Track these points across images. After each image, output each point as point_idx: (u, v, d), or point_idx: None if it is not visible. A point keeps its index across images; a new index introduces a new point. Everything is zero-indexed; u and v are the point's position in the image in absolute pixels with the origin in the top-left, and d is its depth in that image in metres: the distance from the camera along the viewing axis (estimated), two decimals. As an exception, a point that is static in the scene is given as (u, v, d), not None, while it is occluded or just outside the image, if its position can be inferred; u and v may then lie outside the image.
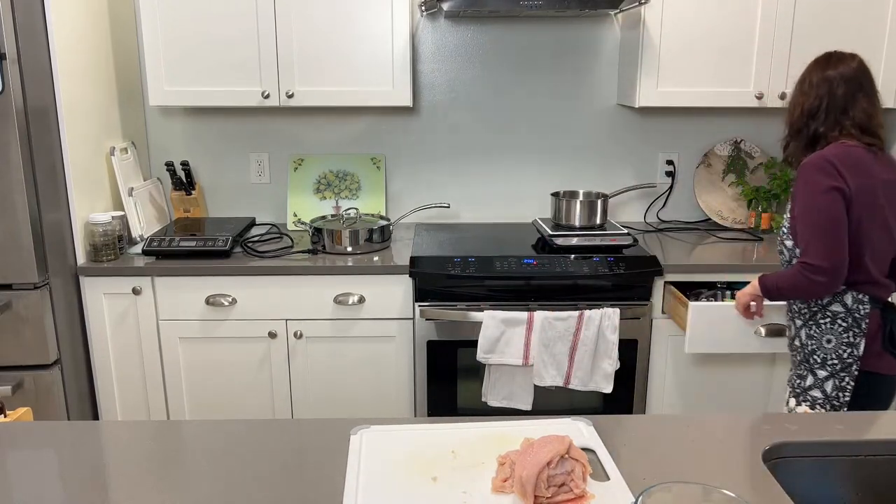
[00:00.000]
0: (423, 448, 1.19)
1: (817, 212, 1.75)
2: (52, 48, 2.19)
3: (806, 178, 1.77)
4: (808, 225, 1.76)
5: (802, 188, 1.78)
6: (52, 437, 1.28)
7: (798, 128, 1.88)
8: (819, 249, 1.74)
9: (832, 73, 1.84)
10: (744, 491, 1.05)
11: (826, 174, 1.74)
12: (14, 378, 2.22)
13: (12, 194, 2.10)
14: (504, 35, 2.82)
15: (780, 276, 1.85)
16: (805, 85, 1.88)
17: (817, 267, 1.74)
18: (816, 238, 1.74)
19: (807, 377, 1.86)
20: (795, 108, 1.89)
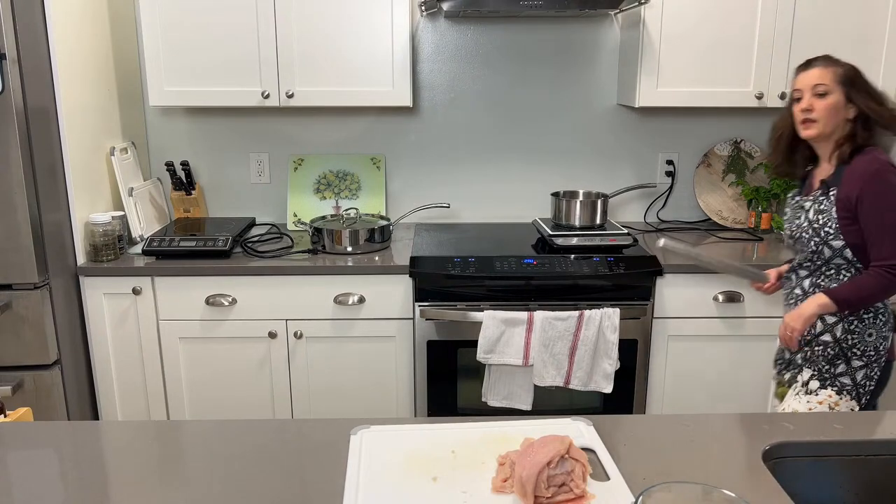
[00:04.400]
0: (423, 448, 1.19)
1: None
2: (52, 48, 2.19)
3: (886, 179, 1.76)
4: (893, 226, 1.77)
5: (883, 190, 1.76)
6: (52, 437, 1.28)
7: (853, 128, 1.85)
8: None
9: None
10: (744, 491, 1.05)
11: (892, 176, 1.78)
12: (14, 378, 2.22)
13: (12, 194, 2.10)
14: (504, 35, 2.82)
15: (857, 284, 1.81)
16: (870, 87, 1.86)
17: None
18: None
19: (839, 364, 1.86)
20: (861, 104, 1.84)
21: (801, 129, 1.87)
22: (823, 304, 1.83)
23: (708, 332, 2.43)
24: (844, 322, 1.86)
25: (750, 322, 2.43)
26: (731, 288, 2.40)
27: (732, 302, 2.40)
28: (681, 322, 2.42)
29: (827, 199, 1.85)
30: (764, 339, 2.44)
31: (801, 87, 1.86)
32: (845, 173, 1.82)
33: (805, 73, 1.87)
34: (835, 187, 1.83)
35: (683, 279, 2.39)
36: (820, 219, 1.85)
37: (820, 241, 1.85)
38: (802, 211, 1.92)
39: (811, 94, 1.83)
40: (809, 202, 1.90)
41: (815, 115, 1.83)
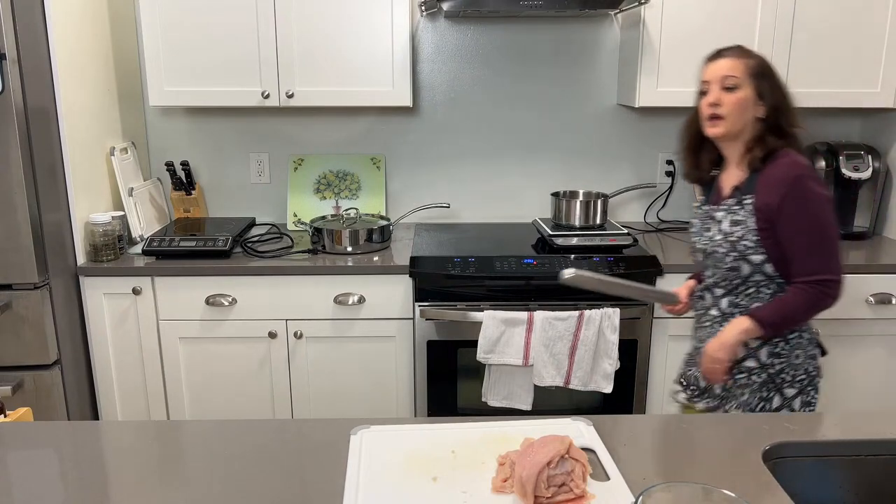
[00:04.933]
0: (423, 448, 1.19)
1: (829, 224, 1.60)
2: (52, 48, 2.19)
3: (808, 187, 1.59)
4: (827, 238, 1.60)
5: (806, 198, 1.58)
6: (52, 437, 1.28)
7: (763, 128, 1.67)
8: (836, 264, 1.60)
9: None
10: (744, 491, 1.05)
11: (819, 182, 1.61)
12: (14, 378, 2.22)
13: (12, 194, 2.10)
14: (504, 35, 2.82)
15: (782, 304, 1.63)
16: (781, 83, 1.67)
17: (837, 282, 1.60)
18: (834, 252, 1.60)
19: (773, 398, 1.69)
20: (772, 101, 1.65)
21: (707, 126, 1.69)
22: (747, 329, 1.63)
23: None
24: (768, 345, 1.68)
25: (750, 322, 2.42)
26: (731, 288, 2.39)
27: (732, 302, 2.40)
28: (681, 322, 2.42)
29: (742, 209, 1.65)
30: (764, 339, 2.44)
31: (709, 80, 1.68)
32: (761, 179, 1.64)
33: (714, 63, 1.68)
34: (750, 195, 1.65)
35: (683, 279, 2.38)
36: (736, 231, 1.66)
37: (738, 255, 1.65)
38: (713, 222, 1.72)
39: (720, 87, 1.65)
40: (722, 212, 1.70)
41: (723, 111, 1.65)
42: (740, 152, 1.69)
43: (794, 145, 1.66)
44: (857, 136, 2.92)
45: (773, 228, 1.60)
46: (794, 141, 1.67)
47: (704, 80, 1.70)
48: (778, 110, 1.65)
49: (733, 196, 1.69)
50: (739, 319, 1.65)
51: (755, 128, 1.67)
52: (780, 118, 1.65)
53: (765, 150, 1.64)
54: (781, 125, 1.65)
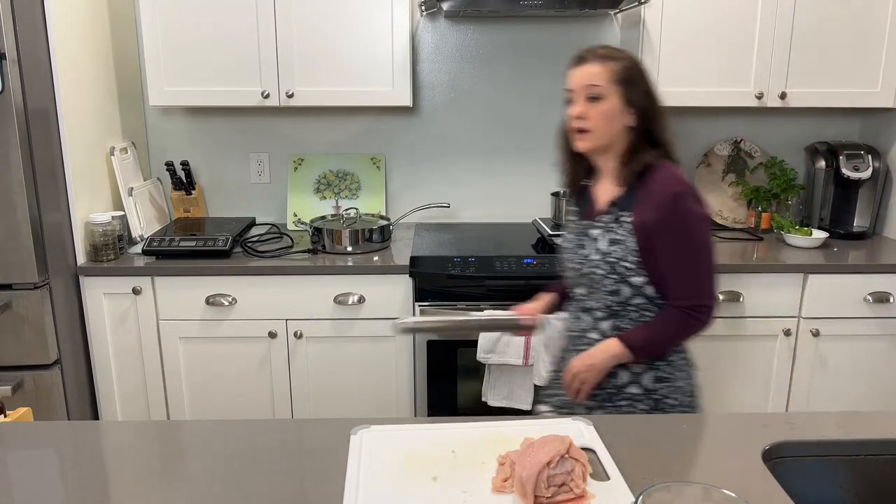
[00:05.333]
0: (423, 448, 1.19)
1: (707, 246, 1.50)
2: (52, 48, 2.19)
3: (688, 206, 1.47)
4: (703, 261, 1.49)
5: (684, 218, 1.47)
6: (52, 437, 1.28)
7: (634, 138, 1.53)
8: (710, 289, 1.50)
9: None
10: (744, 491, 1.05)
11: (698, 201, 1.49)
12: (14, 378, 2.22)
13: (12, 194, 2.10)
14: (504, 35, 2.82)
15: (654, 329, 1.52)
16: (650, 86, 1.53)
17: (711, 307, 1.50)
18: (710, 275, 1.50)
19: None
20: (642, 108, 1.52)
21: (574, 139, 1.54)
22: (617, 354, 1.51)
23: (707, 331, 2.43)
24: (652, 369, 1.56)
25: (750, 322, 2.42)
26: (731, 288, 2.39)
27: (732, 302, 2.40)
28: (681, 322, 2.42)
29: (620, 227, 1.51)
30: (764, 338, 2.44)
31: (572, 88, 1.53)
32: (640, 195, 1.50)
33: (577, 69, 1.52)
34: (628, 212, 1.51)
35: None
36: (615, 251, 1.51)
37: (618, 278, 1.51)
38: (588, 239, 1.57)
39: (584, 96, 1.50)
40: (599, 229, 1.55)
41: (589, 124, 1.50)
42: (614, 165, 1.56)
43: (669, 155, 1.54)
44: (857, 135, 2.92)
45: (652, 248, 1.48)
46: (668, 150, 1.54)
47: (568, 89, 1.53)
48: (648, 118, 1.52)
49: (610, 212, 1.54)
50: (610, 343, 1.52)
51: (626, 138, 1.52)
52: (651, 126, 1.52)
53: (641, 164, 1.51)
54: (653, 133, 1.52)
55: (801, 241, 2.57)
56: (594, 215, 1.58)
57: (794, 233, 2.59)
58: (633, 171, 1.51)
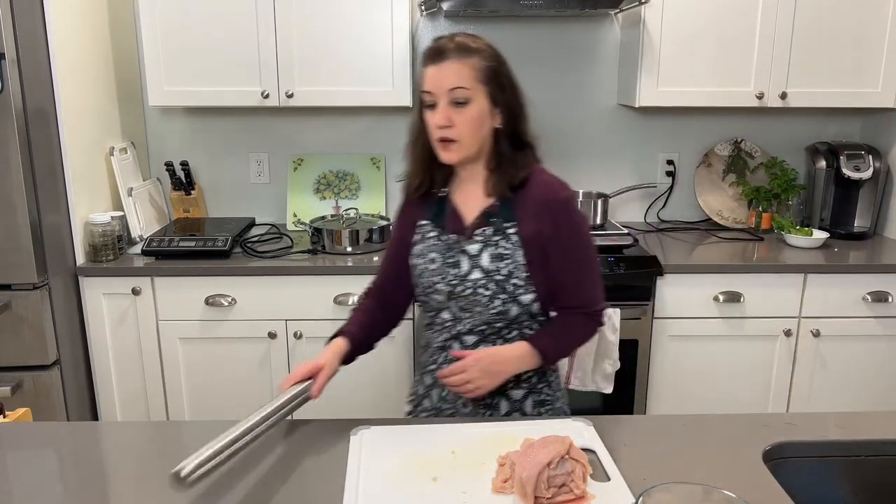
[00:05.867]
0: (423, 448, 1.19)
1: (595, 251, 1.42)
2: (51, 49, 2.18)
3: (577, 211, 1.39)
4: (596, 266, 1.43)
5: (577, 223, 1.38)
6: (52, 438, 1.28)
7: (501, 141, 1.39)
8: (602, 294, 1.42)
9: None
10: (744, 491, 1.05)
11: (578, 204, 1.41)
12: (14, 378, 2.22)
13: (12, 195, 2.10)
14: (504, 35, 2.82)
15: (564, 334, 1.41)
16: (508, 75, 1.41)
17: (604, 314, 1.44)
18: (599, 282, 1.42)
19: None
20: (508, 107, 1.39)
21: (440, 151, 1.35)
22: (526, 358, 1.36)
23: (708, 332, 2.43)
24: (533, 394, 1.44)
25: (750, 322, 2.42)
26: (731, 288, 2.39)
27: (732, 302, 2.40)
28: (681, 322, 2.42)
29: (506, 240, 1.36)
30: (764, 339, 2.44)
31: (432, 91, 1.32)
32: (524, 203, 1.37)
33: (436, 69, 1.32)
34: (512, 223, 1.37)
35: (684, 279, 2.39)
36: (502, 267, 1.35)
37: (507, 297, 1.35)
38: (464, 256, 1.38)
39: (448, 101, 1.31)
40: (477, 244, 1.37)
41: (456, 133, 1.32)
42: (483, 174, 1.40)
43: (536, 156, 1.43)
44: (857, 135, 2.92)
45: (543, 260, 1.35)
46: (535, 151, 1.42)
47: (427, 91, 1.33)
48: (515, 117, 1.39)
49: (488, 226, 1.38)
50: (519, 346, 1.36)
51: (492, 141, 1.38)
52: (518, 126, 1.40)
53: (520, 173, 1.37)
54: (519, 134, 1.40)
55: (801, 242, 2.57)
56: (464, 229, 1.40)
57: (795, 233, 2.59)
58: (514, 179, 1.37)
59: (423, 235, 1.44)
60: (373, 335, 1.54)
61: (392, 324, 1.57)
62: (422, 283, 1.43)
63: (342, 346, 1.46)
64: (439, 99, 1.32)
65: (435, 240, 1.42)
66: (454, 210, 1.43)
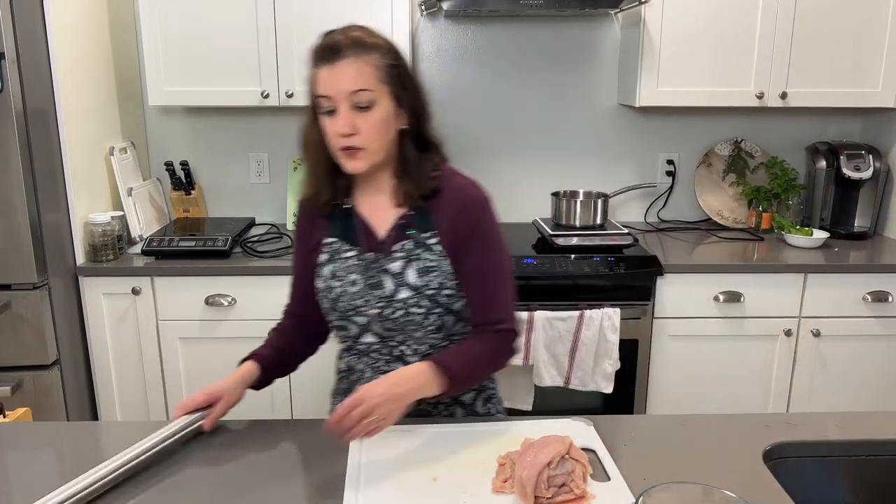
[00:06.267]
0: (423, 448, 1.18)
1: (507, 263, 1.31)
2: (51, 48, 2.18)
3: (493, 214, 1.30)
4: (506, 280, 1.30)
5: (492, 230, 1.29)
6: (52, 438, 1.28)
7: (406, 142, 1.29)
8: (513, 313, 1.31)
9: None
10: (744, 491, 1.05)
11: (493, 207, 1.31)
12: (13, 378, 2.22)
13: (12, 195, 2.10)
14: (504, 35, 2.82)
15: (471, 353, 1.25)
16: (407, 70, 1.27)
17: (518, 335, 1.31)
18: (511, 299, 1.31)
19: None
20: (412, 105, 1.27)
21: (344, 161, 1.23)
22: (429, 381, 1.17)
23: (708, 332, 2.43)
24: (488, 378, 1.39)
25: (750, 322, 2.42)
26: (731, 288, 2.39)
27: (733, 302, 2.40)
28: (681, 322, 2.42)
29: (428, 251, 1.27)
30: (764, 339, 2.44)
31: (331, 95, 1.19)
32: (440, 209, 1.28)
33: (332, 70, 1.19)
34: (431, 231, 1.28)
35: (684, 279, 2.39)
36: (431, 281, 1.26)
37: (442, 311, 1.28)
38: (387, 275, 1.28)
39: (349, 105, 1.19)
40: (398, 261, 1.28)
41: (362, 141, 1.20)
42: (390, 182, 1.29)
43: (443, 156, 1.33)
44: (857, 135, 2.92)
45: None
46: (441, 151, 1.33)
47: (323, 95, 1.20)
48: (419, 117, 1.28)
49: (407, 238, 1.28)
50: (419, 368, 1.17)
51: (397, 144, 1.27)
52: (423, 126, 1.29)
53: (428, 177, 1.28)
54: (424, 135, 1.29)
55: (801, 241, 2.57)
56: (380, 245, 1.30)
57: (795, 233, 2.59)
58: (428, 187, 1.27)
59: (332, 255, 1.32)
60: (290, 356, 1.45)
61: (313, 343, 1.48)
62: (340, 307, 1.30)
63: (250, 371, 1.38)
64: (339, 104, 1.19)
65: (354, 259, 1.30)
66: (363, 224, 1.31)
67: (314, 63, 1.22)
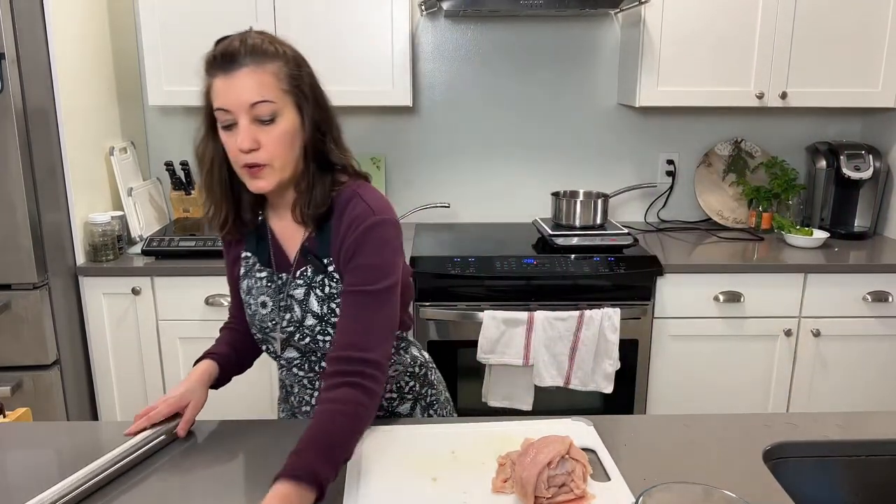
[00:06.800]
0: (423, 448, 1.18)
1: (389, 289, 1.15)
2: (51, 48, 2.18)
3: (379, 235, 1.15)
4: (381, 307, 1.15)
5: (374, 250, 1.15)
6: (52, 438, 1.28)
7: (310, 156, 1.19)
8: (381, 349, 1.14)
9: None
10: (744, 491, 1.05)
11: (399, 231, 1.19)
12: (13, 378, 2.22)
13: (12, 194, 2.10)
14: (504, 35, 2.82)
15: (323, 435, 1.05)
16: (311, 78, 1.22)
17: (381, 365, 1.12)
18: (382, 326, 1.15)
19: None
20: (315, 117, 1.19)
21: (248, 180, 1.16)
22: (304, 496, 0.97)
23: (708, 332, 2.43)
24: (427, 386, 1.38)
25: (750, 322, 2.42)
26: (731, 288, 2.39)
27: (733, 302, 2.40)
28: (681, 322, 2.42)
29: (328, 278, 1.20)
30: (764, 339, 2.44)
31: (230, 108, 1.12)
32: (335, 229, 1.19)
33: (228, 81, 1.12)
34: (329, 258, 1.20)
35: (684, 279, 2.39)
36: (335, 309, 1.20)
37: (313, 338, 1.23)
38: (294, 300, 1.23)
39: (250, 119, 1.11)
40: (301, 288, 1.22)
41: (267, 157, 1.12)
42: (292, 199, 1.21)
43: (350, 171, 1.23)
44: (858, 135, 2.92)
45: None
46: (349, 165, 1.23)
47: (221, 108, 1.14)
48: (322, 131, 1.19)
49: (308, 263, 1.22)
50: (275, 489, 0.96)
51: (301, 160, 1.17)
52: (326, 141, 1.20)
53: (324, 197, 1.18)
54: (327, 152, 1.20)
55: (801, 241, 2.57)
56: (286, 267, 1.24)
57: (795, 233, 2.59)
58: (318, 209, 1.18)
59: (247, 270, 1.28)
60: (245, 354, 1.40)
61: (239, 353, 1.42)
62: (256, 324, 1.27)
63: (210, 371, 1.34)
64: (238, 117, 1.11)
65: (266, 280, 1.25)
66: (275, 242, 1.26)
67: (208, 72, 1.15)
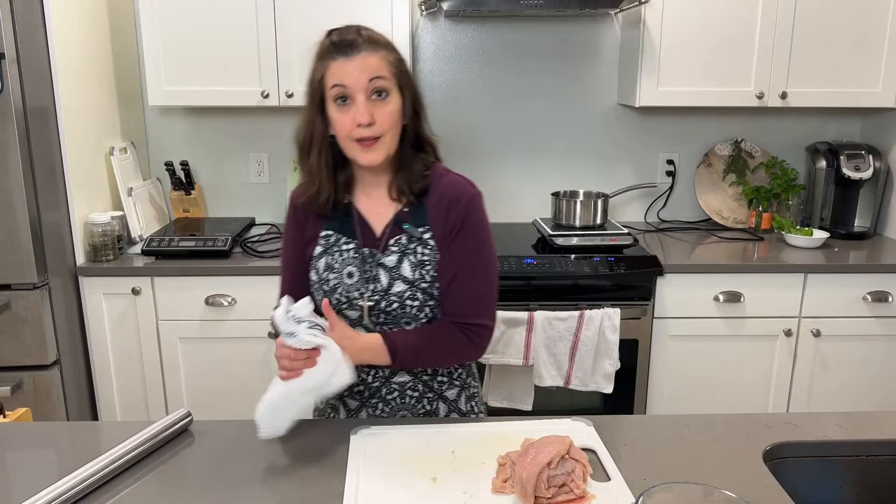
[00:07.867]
0: (423, 448, 1.19)
1: (495, 260, 1.35)
2: (51, 48, 2.18)
3: (482, 210, 1.34)
4: (492, 275, 1.33)
5: (481, 223, 1.32)
6: (52, 438, 1.28)
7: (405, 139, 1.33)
8: (494, 308, 1.35)
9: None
10: (744, 491, 1.05)
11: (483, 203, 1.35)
12: (13, 378, 2.22)
13: (12, 194, 2.10)
14: (504, 35, 2.82)
15: (425, 340, 1.30)
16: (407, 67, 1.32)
17: (491, 330, 1.33)
18: (494, 293, 1.34)
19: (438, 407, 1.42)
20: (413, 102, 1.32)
21: (360, 153, 1.26)
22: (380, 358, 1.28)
23: (708, 332, 2.43)
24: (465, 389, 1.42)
25: (750, 322, 2.42)
26: (731, 288, 2.39)
27: (733, 302, 2.40)
28: (681, 322, 2.42)
29: (423, 245, 1.31)
30: (764, 339, 2.44)
31: (348, 84, 1.22)
32: (434, 205, 1.32)
33: (349, 61, 1.23)
34: (425, 226, 1.32)
35: (684, 279, 2.39)
36: (426, 275, 1.30)
37: (436, 303, 1.32)
38: (383, 269, 1.31)
39: (367, 95, 1.23)
40: (394, 255, 1.31)
41: (380, 130, 1.24)
42: (388, 177, 1.34)
43: (437, 156, 1.38)
44: (857, 135, 2.92)
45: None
46: (436, 150, 1.38)
47: (339, 84, 1.23)
48: (418, 115, 1.33)
49: (403, 232, 1.32)
50: (372, 337, 1.27)
51: (398, 141, 1.30)
52: (420, 124, 1.34)
53: (421, 174, 1.32)
54: (421, 133, 1.34)
55: (801, 241, 2.57)
56: (377, 240, 1.33)
57: (795, 233, 2.59)
58: (415, 185, 1.31)
59: (328, 247, 1.36)
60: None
61: None
62: (335, 298, 1.33)
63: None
64: (356, 93, 1.22)
65: (352, 252, 1.34)
66: (361, 219, 1.35)
67: (327, 56, 1.25)
